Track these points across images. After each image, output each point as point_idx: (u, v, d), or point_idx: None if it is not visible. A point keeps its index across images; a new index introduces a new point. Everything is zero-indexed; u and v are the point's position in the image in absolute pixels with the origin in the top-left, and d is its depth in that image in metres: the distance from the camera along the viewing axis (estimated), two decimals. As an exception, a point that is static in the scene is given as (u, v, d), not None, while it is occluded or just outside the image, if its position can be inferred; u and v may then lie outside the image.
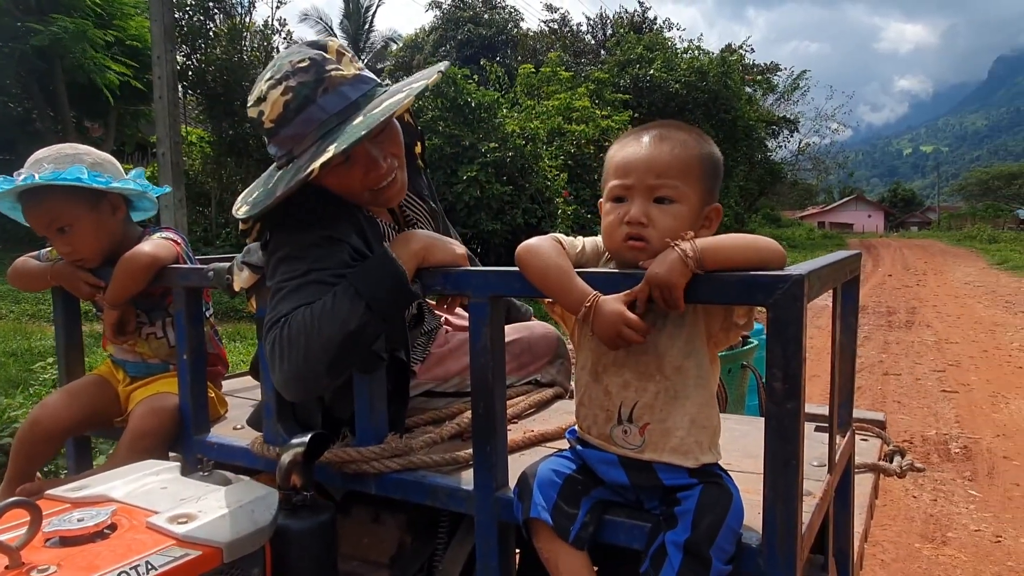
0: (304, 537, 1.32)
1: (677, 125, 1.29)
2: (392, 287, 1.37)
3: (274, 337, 1.36)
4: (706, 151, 1.26)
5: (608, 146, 1.35)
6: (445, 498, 1.44)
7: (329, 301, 1.35)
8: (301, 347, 1.32)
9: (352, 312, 1.33)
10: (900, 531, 3.90)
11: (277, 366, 1.36)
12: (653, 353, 1.23)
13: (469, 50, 24.38)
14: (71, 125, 14.08)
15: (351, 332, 1.33)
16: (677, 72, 20.38)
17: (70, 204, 1.89)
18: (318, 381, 1.36)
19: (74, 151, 1.95)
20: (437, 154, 11.68)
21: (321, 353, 1.32)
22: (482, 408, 1.35)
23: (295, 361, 1.33)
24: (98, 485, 1.31)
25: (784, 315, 1.07)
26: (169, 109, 9.60)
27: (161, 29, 9.54)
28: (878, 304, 12.42)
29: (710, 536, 1.13)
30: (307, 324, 1.33)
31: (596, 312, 1.16)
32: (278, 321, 1.37)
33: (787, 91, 29.89)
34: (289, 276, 1.42)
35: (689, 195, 1.23)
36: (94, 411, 1.97)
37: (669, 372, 1.23)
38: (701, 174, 1.24)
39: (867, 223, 65.16)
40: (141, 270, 1.84)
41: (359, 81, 1.55)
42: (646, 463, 1.24)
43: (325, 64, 1.52)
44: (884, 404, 6.27)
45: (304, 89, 1.49)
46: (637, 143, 1.26)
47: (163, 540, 1.12)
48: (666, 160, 1.22)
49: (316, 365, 1.33)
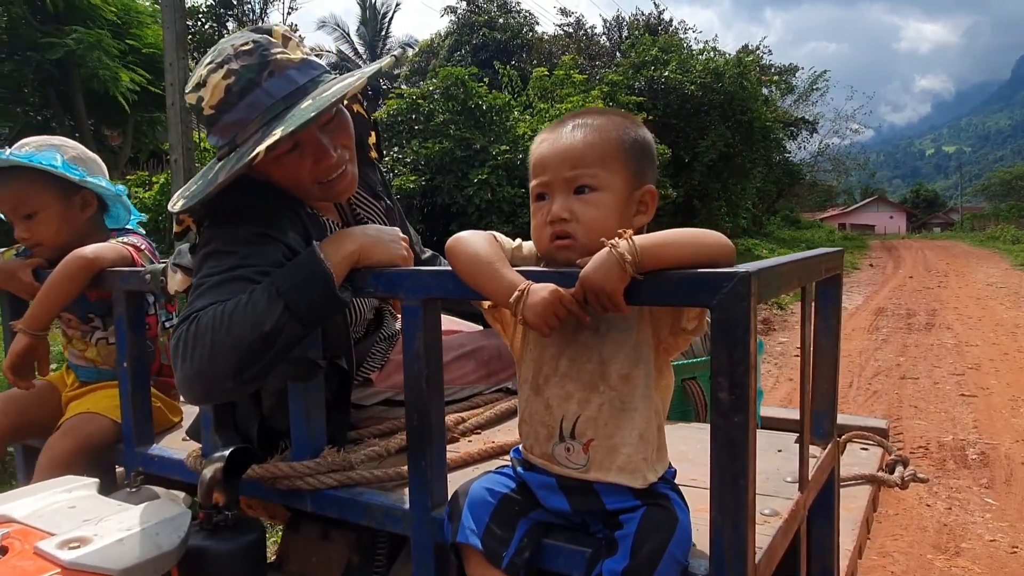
0: (224, 559, 1.22)
1: (596, 111, 1.20)
2: (317, 291, 1.26)
3: (180, 333, 1.25)
4: (627, 133, 1.16)
5: None
6: (381, 517, 1.33)
7: (244, 299, 1.25)
8: (207, 344, 1.22)
9: (268, 312, 1.22)
10: (912, 541, 3.74)
11: (179, 364, 1.25)
12: (597, 361, 1.12)
13: (484, 54, 24.29)
14: (89, 133, 14.21)
15: (264, 334, 1.22)
16: (692, 74, 20.14)
17: (41, 190, 1.86)
18: (222, 384, 1.24)
19: (60, 142, 1.93)
20: (448, 157, 11.63)
21: (229, 353, 1.21)
22: (416, 420, 1.25)
23: (199, 359, 1.22)
24: (3, 504, 1.22)
25: (729, 317, 0.96)
26: (181, 116, 9.62)
27: (173, 36, 9.58)
28: (897, 306, 12.14)
29: (651, 564, 1.01)
30: (216, 320, 1.23)
31: (528, 296, 1.05)
32: (188, 317, 1.27)
33: (806, 92, 29.52)
34: (213, 271, 1.33)
35: (612, 181, 1.13)
36: (32, 419, 1.90)
37: (615, 382, 1.12)
38: (623, 157, 1.14)
39: (889, 224, 64.25)
40: (78, 270, 1.76)
41: (307, 66, 1.47)
42: (588, 485, 1.13)
43: (270, 47, 1.44)
44: (901, 409, 6.08)
45: (248, 72, 1.40)
46: (551, 137, 1.17)
47: (47, 567, 1.02)
48: (579, 149, 1.13)
49: (222, 366, 1.22)
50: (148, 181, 10.91)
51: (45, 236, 1.90)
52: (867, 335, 9.44)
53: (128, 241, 1.92)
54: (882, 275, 18.15)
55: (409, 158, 11.93)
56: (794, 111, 29.24)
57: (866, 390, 6.71)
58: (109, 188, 1.95)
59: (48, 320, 1.81)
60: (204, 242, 1.40)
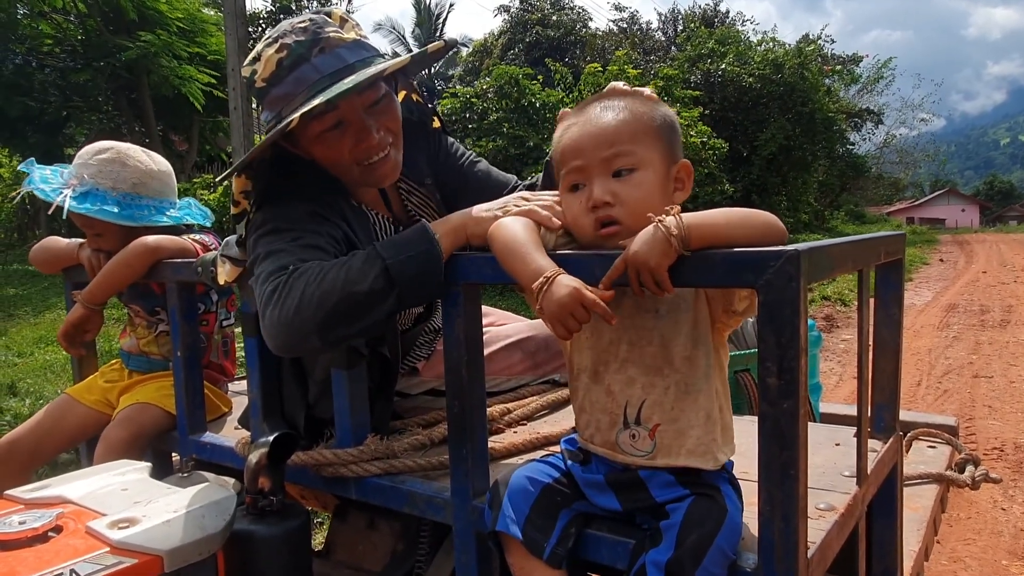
0: (268, 543, 1.23)
1: (618, 92, 1.17)
2: (426, 271, 1.23)
3: (278, 282, 1.26)
4: (656, 110, 1.13)
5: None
6: (423, 505, 1.32)
7: (345, 259, 1.26)
8: (297, 296, 1.22)
9: (362, 275, 1.22)
10: (985, 546, 3.56)
11: (267, 311, 1.26)
12: (659, 344, 1.08)
13: (537, 52, 24.24)
14: (158, 139, 14.79)
15: (355, 295, 1.21)
16: (751, 66, 19.69)
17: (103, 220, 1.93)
18: (306, 338, 1.24)
19: (122, 165, 1.95)
20: (501, 155, 11.64)
21: (316, 307, 1.21)
22: (457, 408, 1.23)
23: (287, 309, 1.23)
24: (60, 485, 1.26)
25: (777, 298, 0.91)
26: (243, 120, 9.93)
27: (235, 42, 9.89)
28: (970, 302, 11.61)
29: (695, 556, 0.97)
30: (311, 274, 1.24)
31: (550, 286, 1.01)
32: (284, 268, 1.28)
33: (870, 81, 28.49)
34: (280, 240, 1.35)
35: (651, 158, 1.09)
36: (69, 440, 2.02)
37: (679, 364, 1.08)
38: (656, 133, 1.11)
39: (961, 218, 61.50)
40: (137, 257, 1.83)
41: (358, 46, 1.47)
42: (638, 480, 1.10)
43: (325, 26, 1.45)
44: (973, 408, 5.80)
45: (300, 48, 1.42)
46: (579, 121, 1.13)
47: (97, 546, 1.04)
48: (613, 127, 1.09)
49: (307, 318, 1.21)
50: (213, 183, 11.30)
51: (112, 248, 1.97)
52: (937, 332, 9.04)
53: (197, 237, 1.98)
54: (953, 270, 17.37)
55: (463, 157, 12.01)
56: (858, 101, 28.27)
57: (936, 389, 6.43)
58: (167, 220, 1.99)
59: (103, 297, 1.92)
60: (259, 223, 1.42)
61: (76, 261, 2.05)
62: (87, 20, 13.00)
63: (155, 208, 1.97)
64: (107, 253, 1.94)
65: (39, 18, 12.79)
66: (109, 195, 1.90)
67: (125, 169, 1.95)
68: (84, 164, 1.94)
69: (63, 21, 13.21)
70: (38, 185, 1.89)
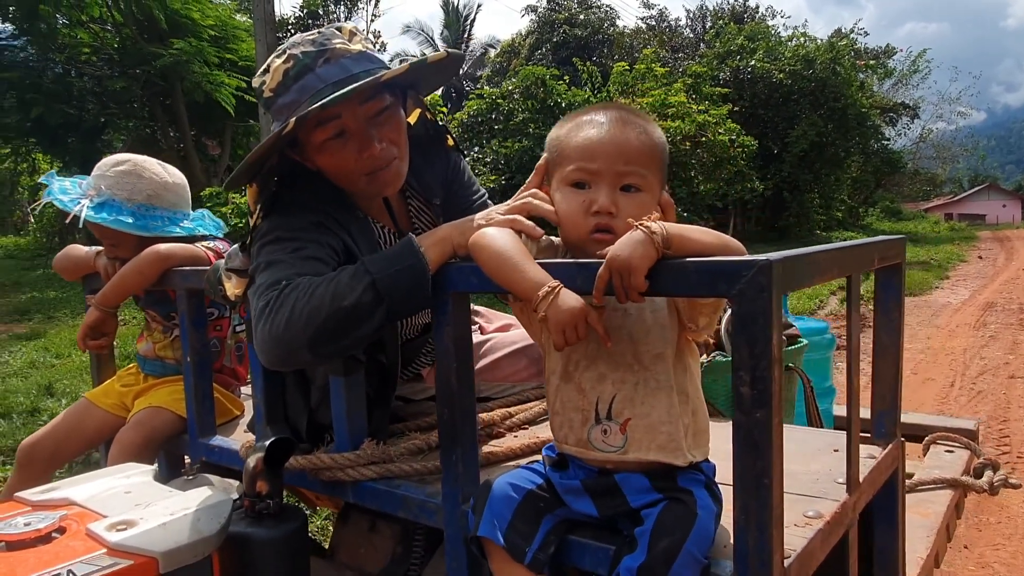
0: (264, 546, 1.26)
1: (629, 108, 1.21)
2: (412, 285, 1.25)
3: (269, 298, 1.30)
4: (662, 139, 1.19)
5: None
6: (417, 509, 1.35)
7: (333, 275, 1.29)
8: (287, 311, 1.26)
9: (350, 289, 1.25)
10: (1016, 552, 3.48)
11: (259, 327, 1.30)
12: (628, 341, 1.11)
13: (565, 51, 24.21)
14: (191, 144, 15.10)
15: (343, 310, 1.24)
16: (781, 61, 19.43)
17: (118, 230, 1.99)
18: (297, 352, 1.27)
19: (138, 177, 2.01)
20: (527, 156, 11.66)
21: (305, 322, 1.25)
22: (447, 415, 1.25)
23: (277, 324, 1.27)
24: (67, 488, 1.31)
25: (749, 308, 0.91)
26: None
27: (265, 48, 10.06)
28: (1008, 301, 11.32)
29: (666, 561, 0.98)
30: (300, 290, 1.28)
31: (557, 299, 1.03)
32: (277, 283, 1.32)
33: (905, 74, 27.92)
34: (281, 251, 1.39)
35: (652, 184, 1.15)
36: (87, 443, 2.08)
37: (648, 361, 1.11)
38: (661, 163, 1.17)
39: (1002, 213, 59.81)
40: (148, 264, 1.89)
41: (363, 58, 1.50)
42: (613, 485, 1.11)
43: (332, 38, 1.49)
44: (1008, 410, 5.66)
45: (306, 58, 1.45)
46: (598, 125, 1.15)
47: (95, 547, 1.09)
48: (635, 147, 1.14)
49: (297, 334, 1.25)
50: (219, 192, 11.45)
51: (127, 256, 2.02)
52: (973, 331, 8.84)
53: (211, 245, 2.03)
54: (992, 267, 16.94)
55: (489, 157, 12.04)
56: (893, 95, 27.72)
57: (970, 390, 6.28)
58: (180, 231, 2.04)
59: (115, 301, 2.01)
60: (264, 231, 1.46)
61: (94, 268, 2.12)
62: (123, 29, 13.31)
63: (169, 219, 2.03)
64: (122, 261, 2.00)
65: (78, 27, 13.13)
66: (124, 206, 1.96)
67: (141, 181, 2.01)
68: (102, 176, 2.01)
69: (100, 30, 13.55)
70: (57, 196, 1.96)
